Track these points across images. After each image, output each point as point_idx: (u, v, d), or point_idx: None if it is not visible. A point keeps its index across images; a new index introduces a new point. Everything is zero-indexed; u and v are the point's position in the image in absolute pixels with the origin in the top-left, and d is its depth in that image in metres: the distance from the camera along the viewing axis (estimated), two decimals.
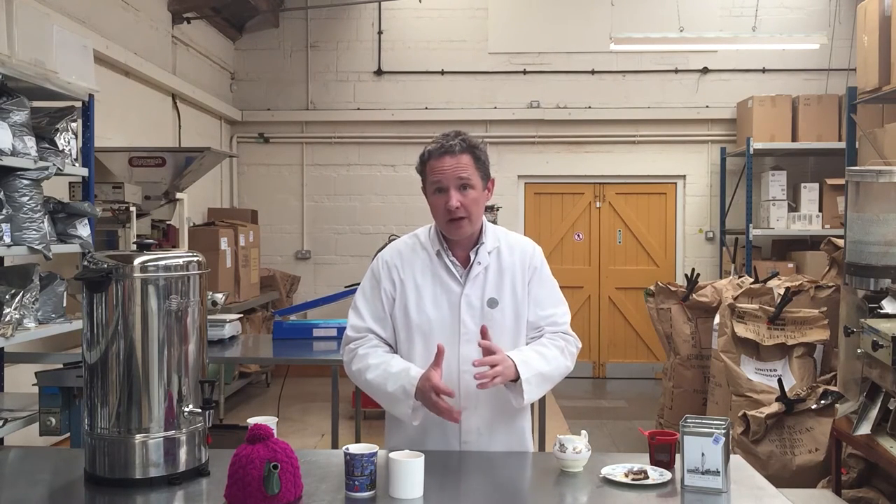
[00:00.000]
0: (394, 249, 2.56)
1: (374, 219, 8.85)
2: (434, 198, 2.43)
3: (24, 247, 3.71)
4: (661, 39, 7.29)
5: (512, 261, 2.50)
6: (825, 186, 7.80)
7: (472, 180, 2.41)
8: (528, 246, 2.56)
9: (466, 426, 2.44)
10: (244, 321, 6.26)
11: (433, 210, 2.45)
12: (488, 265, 2.48)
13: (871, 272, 3.49)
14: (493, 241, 2.51)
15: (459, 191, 2.39)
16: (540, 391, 2.44)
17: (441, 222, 2.44)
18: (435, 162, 2.41)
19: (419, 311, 2.45)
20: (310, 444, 5.98)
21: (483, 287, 2.46)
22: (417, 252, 2.51)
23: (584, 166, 8.81)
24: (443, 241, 2.49)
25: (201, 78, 7.93)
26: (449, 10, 8.75)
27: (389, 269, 2.51)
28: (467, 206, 2.40)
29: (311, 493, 2.06)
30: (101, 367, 2.15)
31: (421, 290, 2.46)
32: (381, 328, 2.50)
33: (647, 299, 5.90)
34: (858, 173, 3.68)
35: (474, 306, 2.45)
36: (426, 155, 2.45)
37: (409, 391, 2.34)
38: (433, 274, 2.47)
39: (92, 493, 2.14)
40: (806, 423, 4.30)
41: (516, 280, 2.49)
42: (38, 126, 3.96)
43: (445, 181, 2.39)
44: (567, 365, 2.50)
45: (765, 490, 2.17)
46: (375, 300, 2.50)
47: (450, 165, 2.39)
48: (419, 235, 2.56)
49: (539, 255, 2.56)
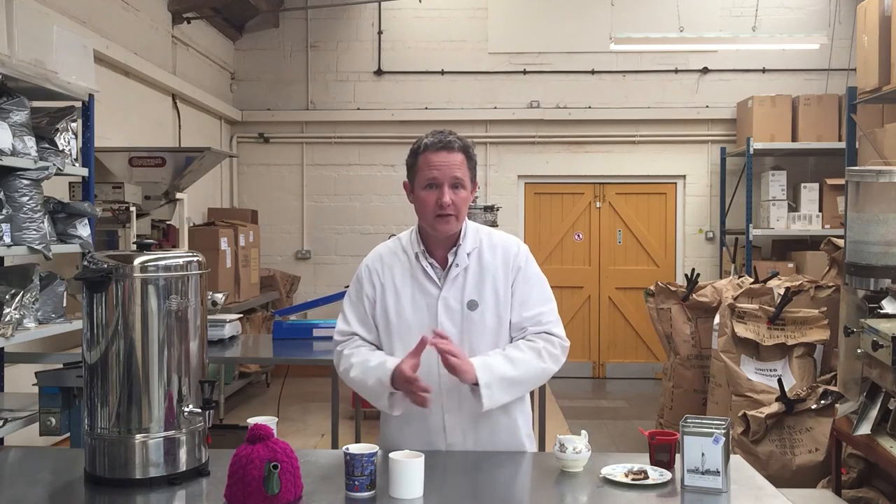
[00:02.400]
0: (376, 254, 2.56)
1: (374, 219, 8.85)
2: (424, 193, 2.41)
3: (24, 247, 3.71)
4: (661, 39, 7.29)
5: (494, 262, 2.46)
6: (825, 186, 7.80)
7: (463, 180, 2.41)
8: (511, 245, 2.50)
9: (450, 425, 2.44)
10: (244, 321, 6.26)
11: (421, 204, 2.42)
12: (467, 266, 2.45)
13: (871, 272, 3.48)
14: (473, 242, 2.48)
15: (452, 189, 2.38)
16: (507, 395, 2.38)
17: (428, 218, 2.41)
18: (431, 155, 2.40)
19: (398, 314, 2.45)
20: (310, 444, 5.98)
21: (462, 289, 2.44)
22: (398, 255, 2.51)
23: (584, 166, 8.81)
24: (421, 242, 2.48)
25: (201, 78, 7.93)
26: (449, 10, 8.75)
27: (371, 273, 2.51)
28: (457, 204, 2.39)
29: (311, 493, 2.06)
30: (101, 367, 2.15)
31: (400, 294, 2.46)
32: (366, 331, 2.51)
33: (647, 299, 5.90)
34: (858, 173, 3.68)
35: (453, 308, 2.43)
36: (421, 147, 2.43)
37: (384, 382, 2.35)
38: (412, 277, 2.47)
39: (92, 493, 2.14)
40: (806, 423, 4.30)
41: (498, 281, 2.45)
42: (38, 126, 3.96)
43: (441, 177, 2.38)
44: (543, 367, 2.42)
45: (765, 490, 2.17)
46: (359, 305, 2.52)
47: (446, 162, 2.38)
48: (401, 239, 2.55)
49: (524, 253, 2.50)
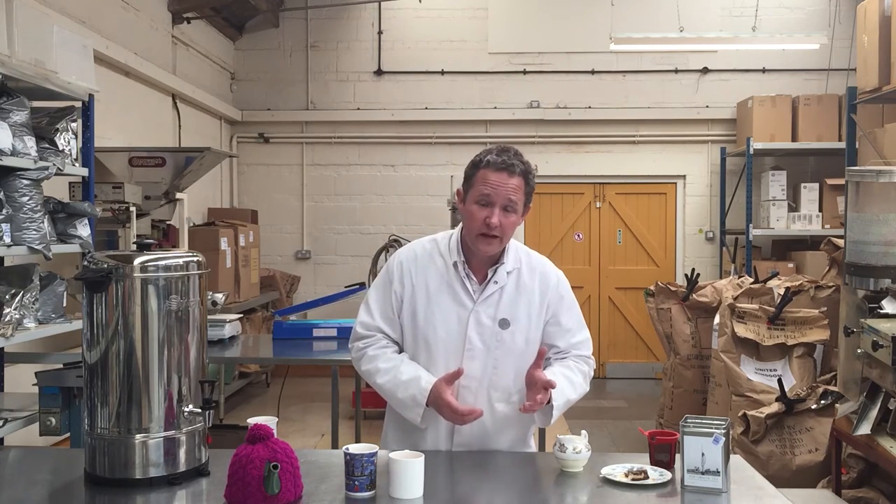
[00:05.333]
0: (410, 251, 2.52)
1: (374, 219, 8.85)
2: (474, 207, 2.37)
3: (24, 247, 3.71)
4: (661, 39, 7.29)
5: (532, 284, 2.47)
6: (825, 186, 7.80)
7: (517, 205, 2.37)
8: (551, 273, 2.52)
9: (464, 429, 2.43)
10: (244, 321, 6.26)
11: (468, 218, 2.39)
12: (505, 285, 2.45)
13: (871, 272, 3.48)
14: (514, 262, 2.47)
15: (503, 210, 2.35)
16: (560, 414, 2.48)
17: (473, 234, 2.38)
18: (491, 173, 2.35)
19: (427, 319, 2.43)
20: (310, 444, 5.98)
21: (496, 307, 2.43)
22: (434, 258, 2.48)
23: (584, 166, 8.81)
24: (462, 252, 2.45)
25: (201, 78, 7.93)
26: (449, 10, 8.75)
27: (403, 271, 2.48)
28: (505, 227, 2.36)
29: (311, 493, 2.06)
30: (101, 367, 2.15)
31: (432, 299, 2.44)
32: (390, 328, 2.49)
33: (647, 299, 5.89)
34: (858, 173, 3.68)
35: (484, 325, 2.42)
36: (483, 162, 2.38)
37: (419, 401, 2.35)
38: (448, 285, 2.44)
39: (92, 493, 2.14)
40: (806, 423, 4.30)
41: (533, 304, 2.46)
42: (38, 126, 3.95)
43: (495, 196, 2.34)
44: (585, 390, 2.54)
45: (765, 490, 2.17)
46: (386, 300, 2.49)
47: (503, 183, 2.35)
48: (438, 242, 2.51)
49: (564, 282, 2.54)
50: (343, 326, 4.92)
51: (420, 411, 2.36)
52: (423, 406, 2.35)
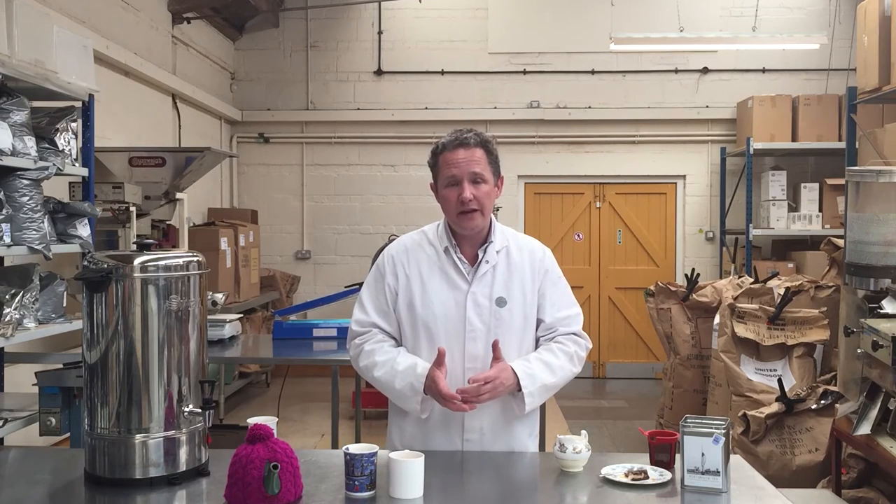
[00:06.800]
0: (399, 244, 2.56)
1: (374, 219, 8.85)
2: (446, 191, 2.43)
3: (24, 247, 3.71)
4: (661, 39, 7.29)
5: (522, 261, 2.50)
6: (825, 186, 7.80)
7: (484, 175, 2.42)
8: (537, 248, 2.56)
9: (470, 425, 2.44)
10: (244, 321, 6.26)
11: (445, 203, 2.45)
12: (496, 264, 2.48)
13: (871, 272, 3.48)
14: (501, 241, 2.51)
15: (472, 184, 2.40)
16: (542, 399, 2.47)
17: (452, 215, 2.44)
18: (449, 154, 2.42)
19: (424, 306, 2.45)
20: (310, 444, 5.98)
21: (491, 285, 2.46)
22: (424, 248, 2.51)
23: (584, 166, 8.81)
24: (451, 237, 2.49)
25: (201, 78, 7.93)
26: (449, 10, 8.75)
27: (395, 264, 2.51)
28: (480, 199, 2.40)
29: (311, 493, 2.06)
30: (101, 367, 2.15)
31: (427, 286, 2.46)
32: (385, 322, 2.50)
33: (647, 299, 5.90)
34: (858, 173, 3.68)
35: (481, 304, 2.44)
36: (439, 148, 2.46)
37: (417, 388, 2.36)
38: (440, 270, 2.47)
39: (92, 493, 2.14)
40: (806, 423, 4.30)
41: (525, 280, 2.49)
42: (38, 126, 3.96)
43: (460, 174, 2.40)
44: (574, 371, 2.51)
45: (765, 490, 2.17)
46: (379, 294, 2.50)
47: (464, 158, 2.40)
48: (426, 232, 2.56)
49: (550, 257, 2.57)
50: (343, 326, 4.92)
51: (418, 399, 2.36)
52: (420, 393, 2.35)
